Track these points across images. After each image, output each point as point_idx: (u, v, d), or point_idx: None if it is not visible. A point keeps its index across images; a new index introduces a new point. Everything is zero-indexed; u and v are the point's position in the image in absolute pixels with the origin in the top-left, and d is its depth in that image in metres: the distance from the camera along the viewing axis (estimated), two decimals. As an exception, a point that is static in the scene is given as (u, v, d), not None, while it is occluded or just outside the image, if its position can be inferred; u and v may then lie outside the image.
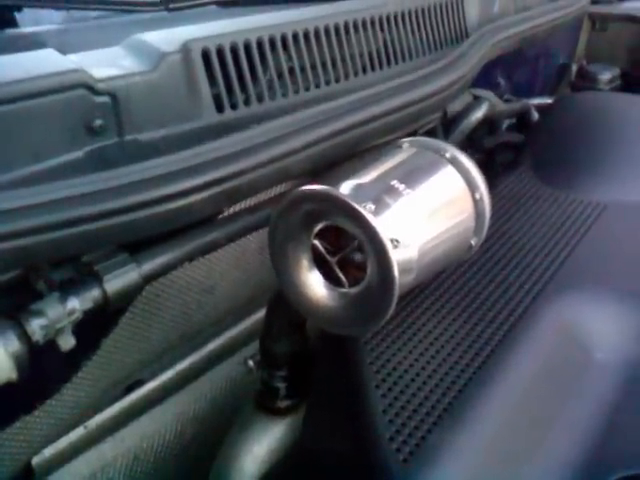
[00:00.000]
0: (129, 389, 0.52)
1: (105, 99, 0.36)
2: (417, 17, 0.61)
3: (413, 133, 0.58)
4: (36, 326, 0.30)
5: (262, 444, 0.48)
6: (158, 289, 0.47)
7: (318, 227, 0.37)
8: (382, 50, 0.56)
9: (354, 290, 0.36)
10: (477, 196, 0.40)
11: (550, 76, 1.02)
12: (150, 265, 0.36)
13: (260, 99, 0.44)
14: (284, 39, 0.46)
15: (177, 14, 0.53)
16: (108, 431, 0.52)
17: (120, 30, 0.48)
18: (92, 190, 0.31)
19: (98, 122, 0.36)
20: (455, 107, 0.66)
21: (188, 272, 0.50)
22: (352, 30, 0.52)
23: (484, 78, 0.88)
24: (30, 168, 0.33)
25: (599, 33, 1.04)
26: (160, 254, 0.36)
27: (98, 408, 0.50)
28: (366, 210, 0.33)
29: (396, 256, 0.34)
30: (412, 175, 0.38)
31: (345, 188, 0.36)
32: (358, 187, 0.36)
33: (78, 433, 0.49)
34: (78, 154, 0.36)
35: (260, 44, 0.44)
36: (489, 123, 0.74)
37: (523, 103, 0.82)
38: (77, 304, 0.32)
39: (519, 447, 0.36)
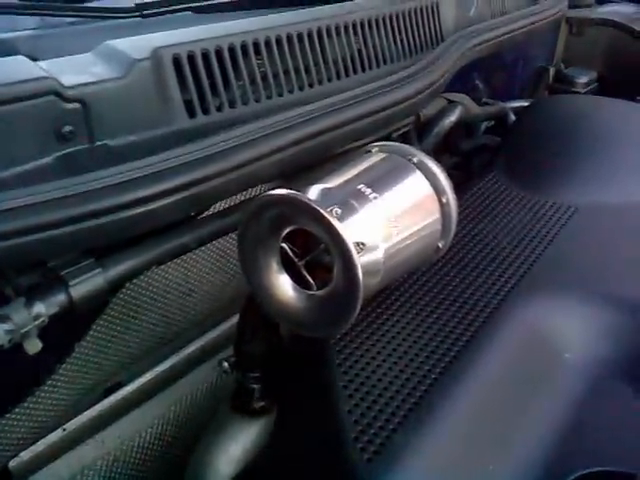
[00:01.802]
0: (108, 391, 0.52)
1: (75, 106, 0.37)
2: (391, 22, 0.62)
3: (387, 137, 0.59)
4: (1, 331, 0.30)
5: (237, 445, 0.48)
6: (136, 292, 0.48)
7: (286, 231, 0.37)
8: (356, 55, 0.57)
9: (321, 292, 0.37)
10: (444, 200, 0.41)
11: (528, 79, 1.03)
12: (116, 270, 0.36)
13: (232, 105, 0.45)
14: (256, 45, 0.47)
15: (152, 20, 0.54)
16: (88, 433, 0.52)
17: (94, 36, 0.48)
18: (58, 196, 0.32)
19: (68, 128, 0.36)
20: (429, 111, 0.67)
21: (166, 275, 0.50)
22: (325, 36, 0.53)
23: (462, 81, 0.89)
24: (-1, 174, 0.33)
25: (576, 37, 1.05)
26: (126, 259, 0.37)
27: (77, 410, 0.50)
28: (331, 215, 0.34)
29: (361, 259, 0.35)
30: (379, 180, 0.39)
31: (312, 193, 0.37)
32: (325, 191, 0.37)
33: (57, 435, 0.50)
34: (48, 160, 0.36)
35: (232, 50, 0.45)
36: (466, 126, 0.75)
37: (500, 106, 0.83)
38: (43, 309, 0.32)
39: (483, 447, 0.37)
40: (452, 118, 0.66)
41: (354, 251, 0.34)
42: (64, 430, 0.50)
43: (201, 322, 0.56)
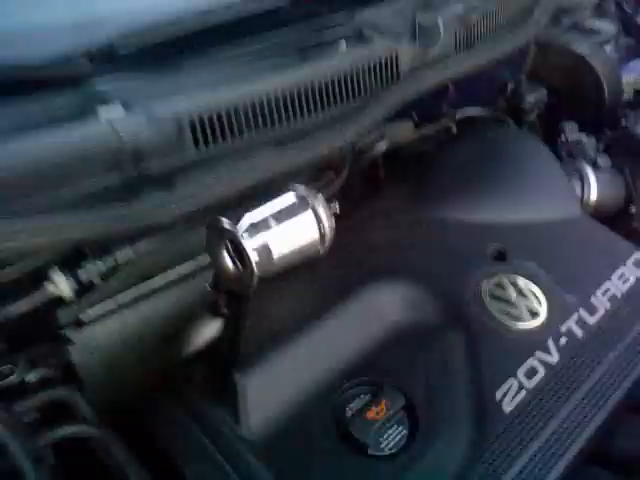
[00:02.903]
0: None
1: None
2: (355, 77, 0.90)
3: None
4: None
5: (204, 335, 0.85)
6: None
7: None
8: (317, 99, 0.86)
9: (241, 268, 0.72)
10: (322, 225, 0.74)
11: (492, 90, 1.27)
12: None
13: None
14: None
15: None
16: None
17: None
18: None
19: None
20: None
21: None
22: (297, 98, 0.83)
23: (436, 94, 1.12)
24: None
25: (542, 56, 1.27)
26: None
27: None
28: (242, 236, 0.68)
29: (256, 257, 0.69)
30: (281, 212, 0.72)
31: (239, 220, 0.71)
32: (248, 219, 0.71)
33: None
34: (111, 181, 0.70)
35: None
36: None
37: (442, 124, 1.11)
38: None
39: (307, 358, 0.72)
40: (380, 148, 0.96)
41: (253, 256, 0.68)
42: None
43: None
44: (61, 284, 0.68)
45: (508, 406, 0.70)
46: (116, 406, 0.76)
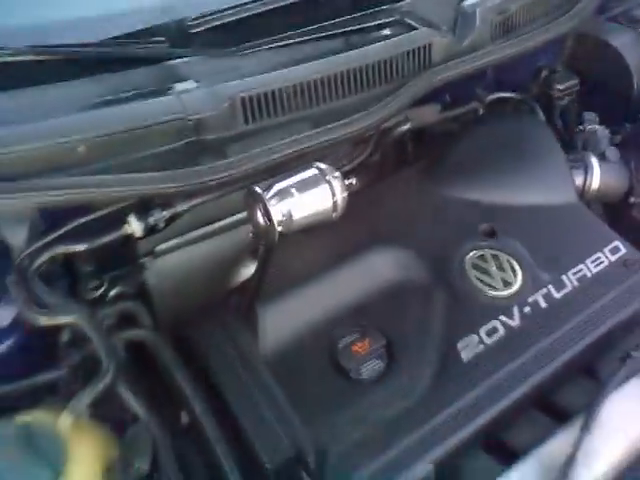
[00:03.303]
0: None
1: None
2: (386, 65, 1.05)
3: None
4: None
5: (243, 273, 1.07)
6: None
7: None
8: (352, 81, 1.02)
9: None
10: (335, 197, 0.92)
11: (529, 75, 1.37)
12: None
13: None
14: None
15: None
16: None
17: None
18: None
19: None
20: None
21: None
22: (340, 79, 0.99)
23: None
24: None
25: (579, 45, 1.36)
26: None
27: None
28: (267, 200, 0.87)
29: (278, 219, 0.88)
30: (302, 183, 0.91)
31: (270, 188, 0.90)
32: (276, 187, 0.90)
33: None
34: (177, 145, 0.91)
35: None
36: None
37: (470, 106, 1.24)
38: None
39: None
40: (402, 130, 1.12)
41: (274, 214, 0.87)
42: None
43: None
44: (134, 225, 0.90)
45: (466, 355, 0.88)
46: (176, 319, 0.99)
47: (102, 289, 0.93)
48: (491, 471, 0.81)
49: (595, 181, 1.15)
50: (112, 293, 0.98)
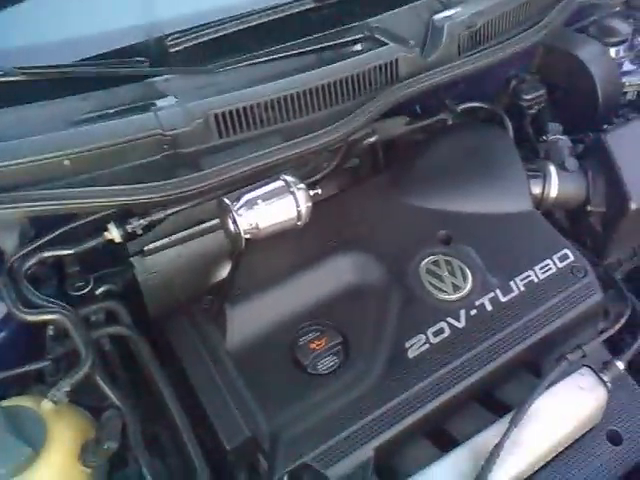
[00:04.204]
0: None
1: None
2: (356, 79, 1.12)
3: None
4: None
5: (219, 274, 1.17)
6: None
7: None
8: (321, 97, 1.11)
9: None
10: (299, 207, 1.00)
11: (497, 85, 1.44)
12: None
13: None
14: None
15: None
16: None
17: None
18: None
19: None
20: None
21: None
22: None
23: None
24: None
25: (547, 56, 1.42)
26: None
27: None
28: (235, 210, 0.96)
29: (245, 227, 0.97)
30: (268, 194, 0.99)
31: (239, 199, 0.99)
32: (244, 199, 0.99)
33: None
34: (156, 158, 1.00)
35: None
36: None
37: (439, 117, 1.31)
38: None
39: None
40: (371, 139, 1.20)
41: (240, 224, 0.96)
42: None
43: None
44: (113, 232, 1.00)
45: (412, 353, 0.96)
46: (163, 312, 1.09)
47: (88, 288, 1.03)
48: (429, 456, 0.91)
49: (553, 190, 1.22)
50: (99, 291, 1.07)
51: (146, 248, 1.20)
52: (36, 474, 0.76)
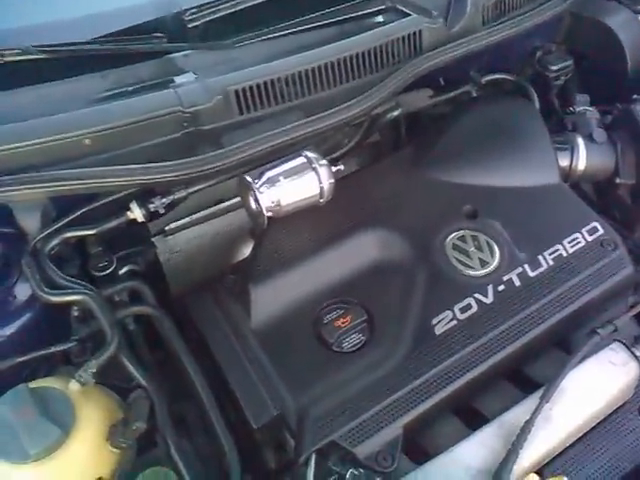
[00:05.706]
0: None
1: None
2: (377, 52, 1.09)
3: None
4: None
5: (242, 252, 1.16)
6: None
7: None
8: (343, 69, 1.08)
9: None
10: (321, 184, 0.99)
11: (523, 55, 1.39)
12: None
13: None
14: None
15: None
16: None
17: None
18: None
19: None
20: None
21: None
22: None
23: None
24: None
25: (575, 25, 1.37)
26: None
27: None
28: (256, 188, 0.95)
29: (266, 205, 0.96)
30: (290, 171, 0.98)
31: (260, 176, 0.97)
32: (266, 176, 0.97)
33: None
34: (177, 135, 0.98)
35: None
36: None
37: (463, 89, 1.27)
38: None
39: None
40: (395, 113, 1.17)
41: (262, 201, 0.95)
42: None
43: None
44: (136, 211, 0.99)
45: (439, 330, 0.95)
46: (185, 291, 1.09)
47: (111, 268, 1.02)
48: (458, 433, 0.90)
49: (581, 162, 1.19)
50: (122, 271, 1.07)
51: (167, 228, 1.20)
52: (66, 455, 0.76)
